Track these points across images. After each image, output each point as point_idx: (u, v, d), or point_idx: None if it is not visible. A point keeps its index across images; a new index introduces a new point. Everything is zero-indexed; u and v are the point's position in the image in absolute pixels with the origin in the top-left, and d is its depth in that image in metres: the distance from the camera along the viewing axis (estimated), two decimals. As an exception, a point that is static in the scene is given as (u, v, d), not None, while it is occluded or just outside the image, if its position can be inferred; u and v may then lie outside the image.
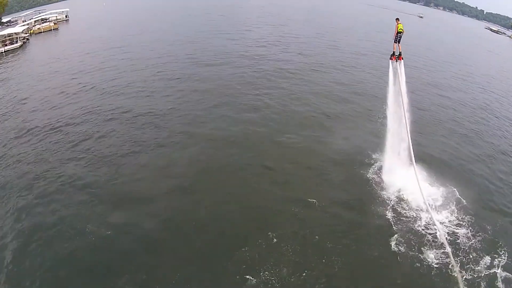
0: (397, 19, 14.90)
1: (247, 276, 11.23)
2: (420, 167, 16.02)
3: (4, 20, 67.66)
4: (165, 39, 45.48)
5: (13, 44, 45.30)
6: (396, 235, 13.18)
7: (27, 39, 50.24)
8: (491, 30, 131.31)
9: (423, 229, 13.49)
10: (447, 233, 13.32)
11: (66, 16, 69.92)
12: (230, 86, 27.20)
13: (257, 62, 34.51)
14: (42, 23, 60.18)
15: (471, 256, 12.41)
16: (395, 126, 15.84)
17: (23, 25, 55.68)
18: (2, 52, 42.34)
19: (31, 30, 55.66)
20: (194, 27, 54.42)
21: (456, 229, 13.60)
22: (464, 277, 11.54)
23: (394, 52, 15.09)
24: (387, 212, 14.38)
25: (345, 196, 15.46)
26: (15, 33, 46.99)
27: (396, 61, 15.12)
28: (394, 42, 14.83)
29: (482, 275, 11.70)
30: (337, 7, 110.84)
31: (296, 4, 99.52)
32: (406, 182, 15.30)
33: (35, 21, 59.83)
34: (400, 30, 14.45)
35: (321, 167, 17.46)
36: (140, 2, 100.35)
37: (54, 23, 60.63)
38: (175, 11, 78.32)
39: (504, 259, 12.39)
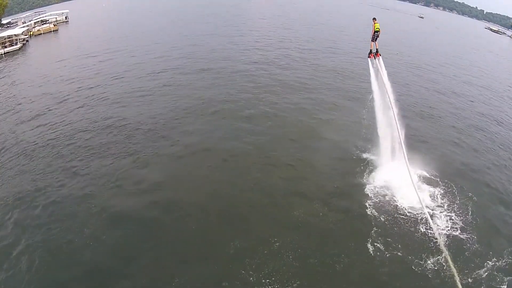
0: (374, 18, 15.69)
1: (250, 278, 11.29)
2: (418, 165, 16.35)
3: (4, 21, 67.77)
4: (164, 41, 45.46)
5: (13, 46, 45.33)
6: (396, 236, 13.10)
7: (27, 40, 50.32)
8: (491, 30, 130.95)
9: (421, 230, 13.41)
10: (445, 234, 13.23)
11: (66, 17, 70.19)
12: (229, 92, 26.93)
13: (256, 65, 34.37)
14: (42, 24, 60.38)
15: (470, 258, 12.29)
16: (385, 121, 16.13)
17: (23, 27, 55.74)
18: (1, 54, 42.33)
19: (30, 31, 55.72)
20: (194, 29, 54.43)
21: (454, 230, 13.48)
22: (460, 278, 11.42)
23: (371, 50, 15.91)
24: (386, 212, 14.29)
25: (344, 196, 15.45)
26: (14, 35, 47.00)
27: (374, 58, 15.93)
28: (372, 40, 15.71)
29: (482, 279, 11.55)
30: (337, 8, 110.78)
31: (296, 5, 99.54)
32: (403, 180, 15.11)
33: (34, 22, 60.02)
34: (377, 29, 15.37)
35: (319, 168, 17.46)
36: (139, 3, 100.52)
37: (54, 25, 60.79)
38: (174, 11, 78.33)
39: (506, 262, 12.23)
